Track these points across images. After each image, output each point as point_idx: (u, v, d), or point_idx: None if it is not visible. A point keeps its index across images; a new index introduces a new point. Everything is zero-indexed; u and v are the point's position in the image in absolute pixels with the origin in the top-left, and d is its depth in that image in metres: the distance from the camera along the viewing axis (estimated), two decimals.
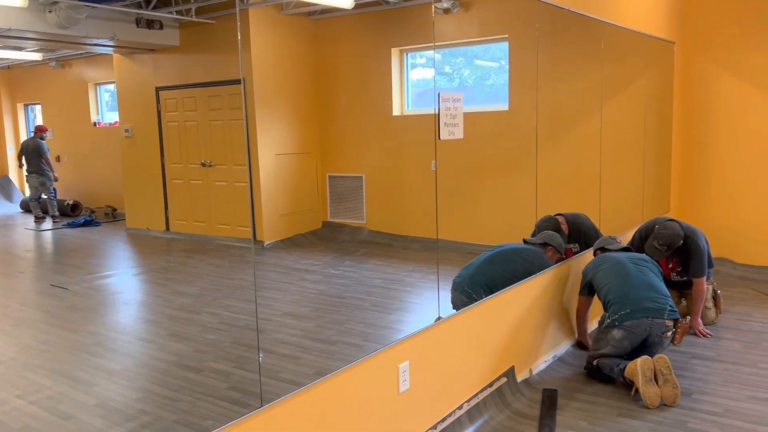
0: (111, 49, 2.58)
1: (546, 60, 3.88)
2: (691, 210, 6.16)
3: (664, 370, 3.33)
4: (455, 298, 3.15)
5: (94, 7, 2.22)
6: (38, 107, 2.61)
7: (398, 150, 3.30)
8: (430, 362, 2.87)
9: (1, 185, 2.40)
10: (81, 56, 2.63)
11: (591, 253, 4.27)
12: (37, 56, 2.52)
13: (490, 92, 3.79)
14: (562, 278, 4.01)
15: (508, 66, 3.77)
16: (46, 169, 2.51)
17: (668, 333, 3.54)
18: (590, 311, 4.11)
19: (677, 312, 3.55)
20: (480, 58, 3.76)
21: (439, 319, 2.92)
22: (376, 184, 3.20)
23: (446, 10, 3.35)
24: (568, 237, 4.04)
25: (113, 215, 2.39)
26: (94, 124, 2.72)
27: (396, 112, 3.32)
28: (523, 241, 3.84)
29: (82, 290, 2.12)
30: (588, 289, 3.84)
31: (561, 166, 4.29)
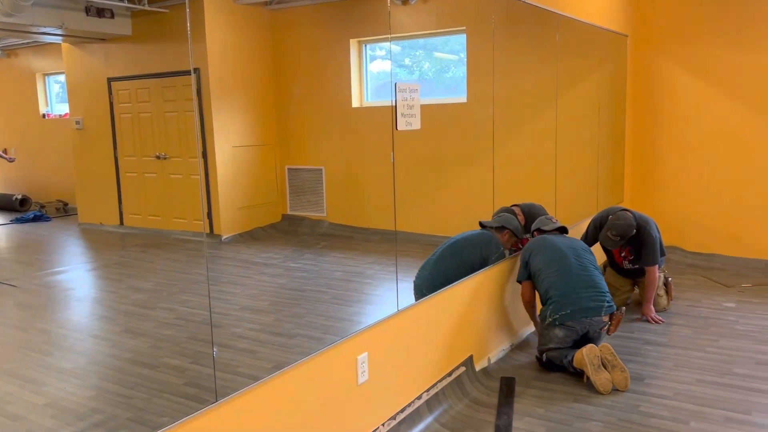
0: (60, 38, 2.49)
1: (503, 52, 3.92)
2: (644, 200, 6.32)
3: (609, 357, 3.43)
4: (417, 299, 3.17)
5: None
6: None
7: (358, 142, 3.29)
8: (389, 353, 2.89)
9: None
10: (28, 45, 2.54)
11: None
12: None
13: (450, 85, 3.81)
14: (516, 269, 4.07)
15: (466, 58, 3.79)
16: None
17: (605, 327, 3.66)
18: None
19: (614, 306, 3.66)
20: (440, 51, 3.77)
21: (398, 310, 2.94)
22: (336, 177, 3.19)
23: (404, 1, 3.35)
24: (524, 227, 4.10)
25: (65, 210, 2.33)
26: (43, 116, 2.63)
27: (355, 103, 3.31)
28: (480, 224, 3.87)
29: (32, 287, 2.06)
30: (525, 274, 3.85)
31: (518, 158, 4.35)
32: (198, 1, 2.65)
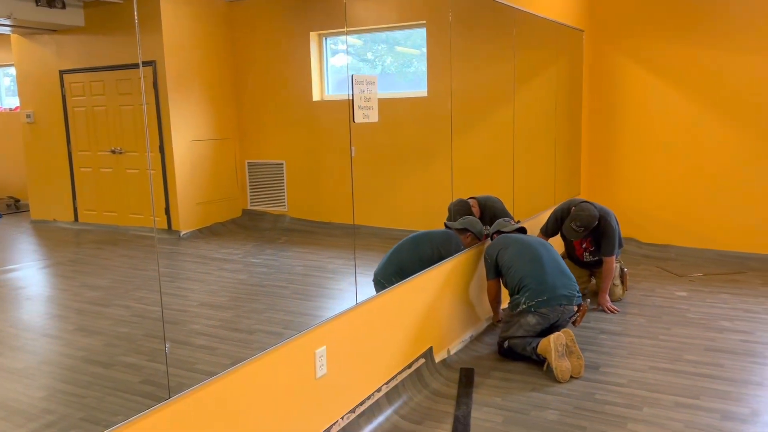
0: (8, 29, 2.42)
1: (461, 47, 3.95)
2: (600, 192, 6.47)
3: (569, 343, 3.52)
4: (376, 291, 3.20)
5: None
6: None
7: (320, 136, 3.28)
8: (347, 346, 2.91)
9: None
10: None
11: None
12: None
13: (412, 79, 3.83)
14: (475, 260, 4.13)
15: (426, 52, 3.81)
16: None
17: (572, 317, 3.75)
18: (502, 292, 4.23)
19: (581, 297, 3.75)
20: (402, 45, 3.78)
21: (356, 303, 2.96)
22: (297, 171, 3.17)
23: None
24: (480, 219, 4.16)
25: (16, 206, 2.27)
26: None
27: (316, 97, 3.30)
28: (444, 224, 3.92)
29: None
30: (495, 272, 3.93)
31: (477, 151, 4.40)
32: None
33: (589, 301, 3.93)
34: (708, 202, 6.03)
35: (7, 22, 2.31)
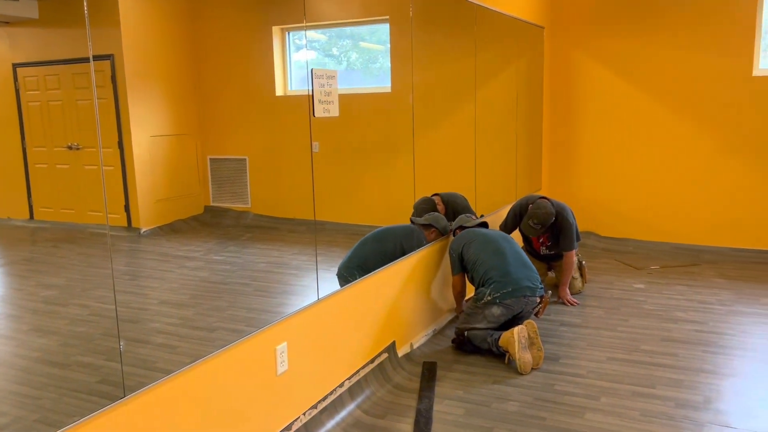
0: None
1: (424, 42, 3.97)
2: (561, 188, 6.58)
3: (531, 335, 3.59)
4: (340, 285, 3.21)
5: None
6: None
7: (283, 131, 3.26)
8: (309, 342, 2.91)
9: None
10: None
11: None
12: None
13: (378, 75, 3.83)
14: (438, 255, 4.17)
15: (390, 48, 3.82)
16: None
17: (535, 308, 3.82)
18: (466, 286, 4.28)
19: (543, 289, 3.83)
20: (366, 41, 3.78)
21: (318, 299, 2.96)
22: (260, 167, 3.15)
23: None
24: (444, 216, 4.20)
25: None
26: None
27: (279, 92, 3.28)
28: (410, 220, 3.95)
29: None
30: (460, 267, 3.98)
31: (440, 146, 4.43)
32: None
33: (551, 292, 4.01)
34: (665, 197, 6.19)
35: None
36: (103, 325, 2.13)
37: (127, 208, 2.56)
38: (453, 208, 4.29)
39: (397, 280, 3.65)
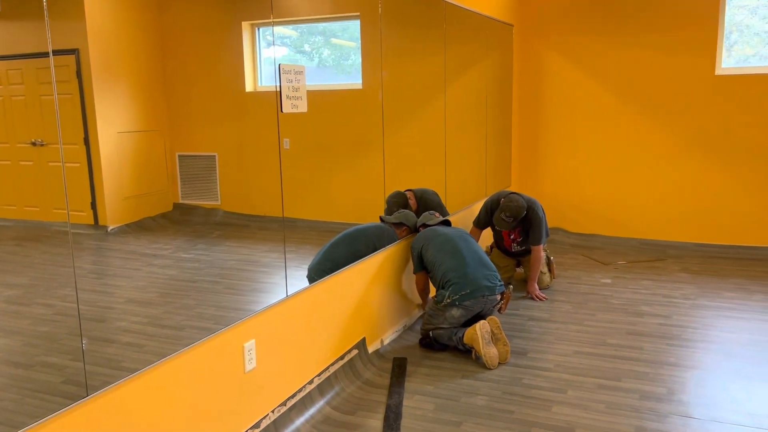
0: None
1: (394, 39, 3.98)
2: (530, 184, 6.66)
3: (495, 330, 3.64)
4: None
5: None
6: None
7: (253, 127, 3.25)
8: (277, 339, 2.91)
9: None
10: None
11: None
12: None
13: (350, 72, 3.83)
14: (406, 251, 4.19)
15: (360, 44, 3.82)
16: None
17: (497, 305, 3.87)
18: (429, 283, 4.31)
19: (504, 285, 3.88)
20: (338, 37, 3.77)
21: (286, 296, 2.96)
22: (230, 163, 3.13)
23: None
24: (416, 212, 4.23)
25: None
26: None
27: (249, 88, 3.27)
28: (380, 218, 3.96)
29: None
30: (420, 266, 4.00)
31: (410, 143, 4.45)
32: None
33: (512, 287, 4.06)
34: (631, 193, 6.31)
35: None
36: (68, 325, 2.10)
37: (94, 206, 2.52)
38: (425, 204, 4.32)
39: (367, 276, 3.67)
